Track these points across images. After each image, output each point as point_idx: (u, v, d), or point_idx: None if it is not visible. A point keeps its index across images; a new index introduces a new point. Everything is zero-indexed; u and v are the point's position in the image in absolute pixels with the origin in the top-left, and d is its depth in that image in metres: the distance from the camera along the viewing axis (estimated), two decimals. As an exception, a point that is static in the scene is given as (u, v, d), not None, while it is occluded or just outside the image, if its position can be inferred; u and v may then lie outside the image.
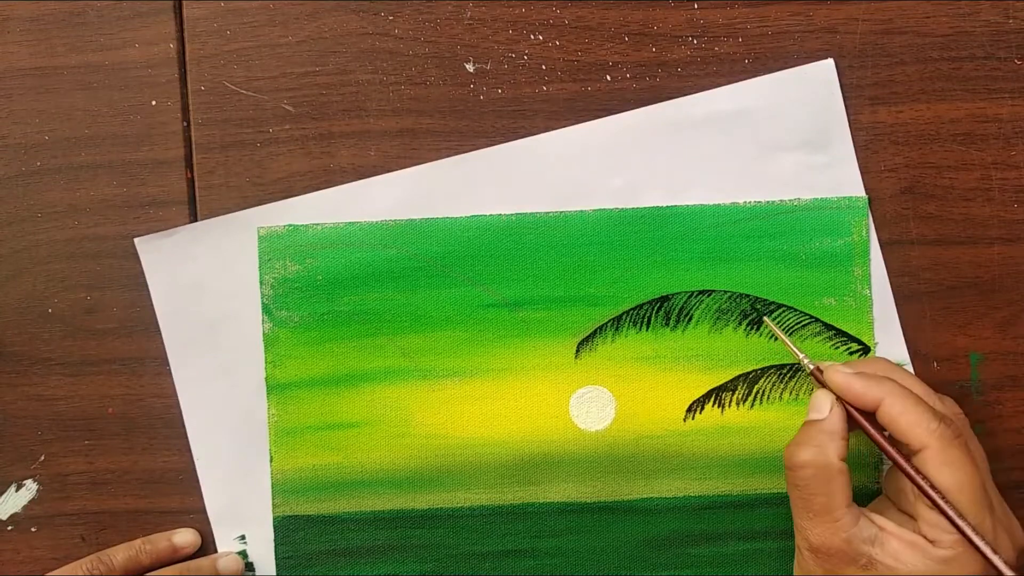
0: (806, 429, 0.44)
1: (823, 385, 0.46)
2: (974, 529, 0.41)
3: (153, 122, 0.51)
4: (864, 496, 0.49)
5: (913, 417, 0.42)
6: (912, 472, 0.42)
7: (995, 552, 0.41)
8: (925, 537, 0.42)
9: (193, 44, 0.51)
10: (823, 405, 0.44)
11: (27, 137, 0.51)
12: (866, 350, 0.51)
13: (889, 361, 0.47)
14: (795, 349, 0.47)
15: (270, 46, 0.51)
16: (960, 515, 0.41)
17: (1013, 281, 0.51)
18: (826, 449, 0.43)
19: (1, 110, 0.51)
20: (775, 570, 0.51)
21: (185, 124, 0.51)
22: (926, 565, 0.41)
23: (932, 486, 0.42)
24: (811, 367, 0.46)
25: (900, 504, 0.45)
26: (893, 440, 0.44)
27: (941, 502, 0.41)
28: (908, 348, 0.51)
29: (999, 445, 0.51)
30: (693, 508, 0.51)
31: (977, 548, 0.41)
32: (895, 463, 0.43)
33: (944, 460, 0.41)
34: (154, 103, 0.51)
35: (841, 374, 0.44)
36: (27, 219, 0.51)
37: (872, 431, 0.44)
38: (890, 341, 0.51)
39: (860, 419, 0.44)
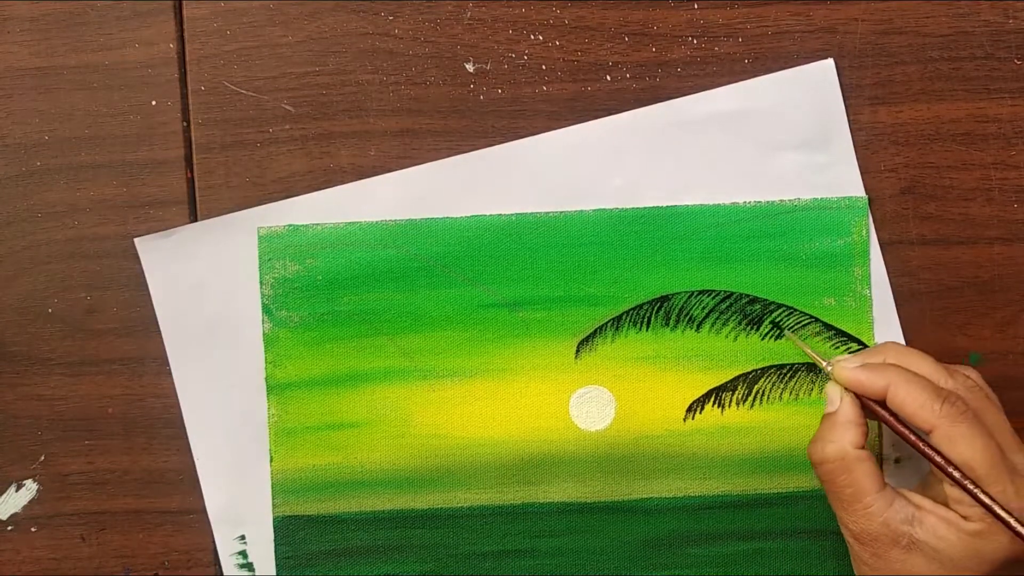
0: (822, 424, 0.45)
1: None
2: (991, 498, 0.41)
3: (153, 122, 0.51)
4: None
5: (918, 401, 0.42)
6: (930, 452, 0.43)
7: (1010, 514, 0.41)
8: (958, 513, 0.42)
9: (193, 44, 0.51)
10: (834, 397, 0.45)
11: (27, 137, 0.51)
12: (866, 350, 0.51)
13: (898, 344, 0.47)
14: (813, 354, 0.47)
15: (270, 46, 0.51)
16: (978, 487, 0.41)
17: (1013, 281, 0.51)
18: (841, 441, 0.43)
19: (1, 110, 0.51)
20: (774, 570, 0.51)
21: (185, 124, 0.51)
22: (961, 540, 0.42)
23: (950, 463, 0.42)
24: (828, 368, 0.46)
25: (931, 485, 0.45)
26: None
27: (958, 476, 0.42)
28: (908, 348, 0.51)
29: (999, 445, 0.51)
30: (693, 508, 0.51)
31: (995, 514, 0.41)
32: (913, 446, 0.43)
33: (952, 438, 0.42)
34: (154, 103, 0.51)
35: (847, 369, 0.45)
36: (27, 219, 0.51)
37: (887, 416, 0.44)
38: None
39: (874, 407, 0.44)
